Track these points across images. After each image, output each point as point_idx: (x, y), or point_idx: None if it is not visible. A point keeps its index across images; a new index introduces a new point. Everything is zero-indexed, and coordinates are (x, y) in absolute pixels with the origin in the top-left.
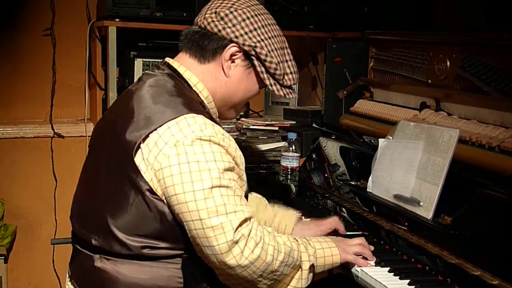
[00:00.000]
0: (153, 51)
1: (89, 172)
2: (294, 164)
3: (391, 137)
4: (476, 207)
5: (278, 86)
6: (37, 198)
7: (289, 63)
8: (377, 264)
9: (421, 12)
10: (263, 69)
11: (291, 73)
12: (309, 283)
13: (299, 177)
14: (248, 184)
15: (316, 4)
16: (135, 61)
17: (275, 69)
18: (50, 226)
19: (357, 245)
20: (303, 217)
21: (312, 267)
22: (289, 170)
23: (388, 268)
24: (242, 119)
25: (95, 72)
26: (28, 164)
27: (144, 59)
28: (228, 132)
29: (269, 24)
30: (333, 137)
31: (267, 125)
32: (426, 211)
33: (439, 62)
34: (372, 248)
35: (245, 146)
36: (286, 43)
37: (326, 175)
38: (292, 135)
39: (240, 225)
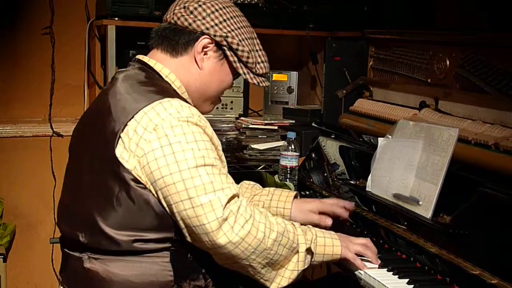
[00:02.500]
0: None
1: (72, 174)
2: (293, 163)
3: (390, 136)
4: (475, 206)
5: (252, 75)
6: (36, 198)
7: (260, 52)
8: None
9: (421, 11)
10: (235, 58)
11: (262, 61)
12: (306, 266)
13: (298, 176)
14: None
15: (316, 3)
16: None
17: (247, 57)
18: (49, 225)
19: (361, 244)
20: (298, 196)
21: (309, 251)
22: (288, 169)
23: (387, 267)
24: (242, 118)
25: (94, 71)
26: (27, 163)
27: None
28: (227, 131)
29: (237, 16)
30: (333, 136)
31: (266, 124)
32: (425, 210)
33: (438, 61)
34: (376, 250)
35: (244, 145)
36: (255, 34)
37: (325, 174)
38: (291, 134)
39: (228, 201)
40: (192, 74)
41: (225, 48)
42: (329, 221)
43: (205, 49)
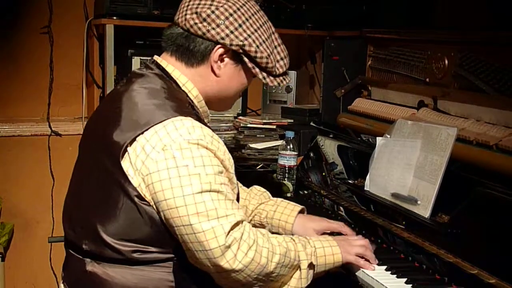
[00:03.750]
0: (151, 49)
1: (78, 175)
2: (292, 162)
3: (388, 136)
4: (474, 206)
5: (271, 78)
6: (35, 197)
7: (279, 48)
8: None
9: (419, 10)
10: (253, 64)
11: (282, 58)
12: (309, 282)
13: (296, 176)
14: (246, 183)
15: (314, 3)
16: (133, 59)
17: (266, 62)
18: (47, 225)
19: (360, 246)
20: (305, 211)
21: (311, 266)
22: (286, 168)
23: (385, 267)
24: (240, 117)
25: (93, 70)
26: (25, 163)
27: (141, 57)
28: (225, 130)
29: (252, 15)
30: (331, 135)
31: (264, 123)
32: (424, 210)
33: (437, 60)
34: (373, 249)
35: (243, 145)
36: (272, 28)
37: (323, 173)
38: (290, 134)
39: (232, 228)
40: (209, 82)
41: (242, 55)
42: None
43: (221, 57)
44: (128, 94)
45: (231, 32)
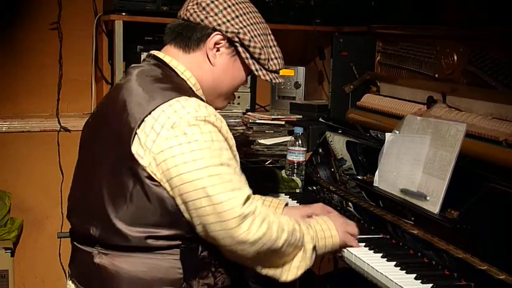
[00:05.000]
0: (159, 45)
1: (84, 169)
2: (301, 158)
3: (397, 132)
4: (483, 202)
5: (264, 71)
6: (44, 192)
7: (273, 48)
8: (383, 257)
9: (428, 5)
10: (247, 54)
11: (275, 58)
12: (312, 263)
13: (305, 172)
14: (254, 178)
15: None
16: (142, 55)
17: (260, 53)
18: (56, 220)
19: (352, 225)
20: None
21: (314, 248)
22: (295, 164)
23: (394, 262)
24: (249, 113)
25: (102, 66)
26: (35, 158)
27: None
28: (234, 126)
29: (250, 12)
30: (340, 131)
31: (273, 119)
32: (433, 206)
33: (446, 56)
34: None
35: (251, 140)
36: (269, 30)
37: (332, 169)
38: (299, 130)
39: (246, 200)
40: (204, 70)
41: (237, 44)
42: None
43: (217, 46)
44: (129, 84)
45: (228, 20)
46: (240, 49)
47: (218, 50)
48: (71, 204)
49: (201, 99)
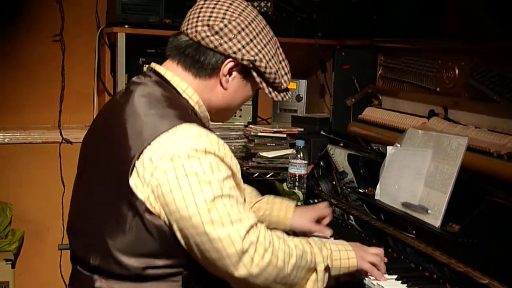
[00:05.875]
0: (162, 58)
1: (82, 193)
2: (302, 171)
3: (399, 145)
4: (484, 215)
5: (276, 93)
6: (45, 204)
7: (283, 63)
8: (385, 271)
9: (430, 19)
10: (261, 79)
11: (285, 74)
12: (325, 285)
13: (306, 184)
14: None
15: (325, 12)
16: (144, 68)
17: (274, 78)
18: (57, 232)
19: (375, 254)
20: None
21: (327, 268)
22: (296, 177)
23: (396, 276)
24: (250, 126)
25: (104, 78)
26: (36, 170)
27: None
28: (236, 139)
29: (261, 30)
30: (341, 144)
31: (275, 132)
32: (434, 219)
33: (447, 70)
34: (386, 260)
35: (253, 153)
36: (277, 42)
37: (334, 182)
38: (300, 142)
39: (247, 232)
40: (215, 93)
41: (251, 70)
42: (329, 232)
43: (230, 70)
44: (130, 104)
45: (243, 46)
46: (254, 74)
47: (230, 74)
48: (70, 229)
49: (203, 124)
